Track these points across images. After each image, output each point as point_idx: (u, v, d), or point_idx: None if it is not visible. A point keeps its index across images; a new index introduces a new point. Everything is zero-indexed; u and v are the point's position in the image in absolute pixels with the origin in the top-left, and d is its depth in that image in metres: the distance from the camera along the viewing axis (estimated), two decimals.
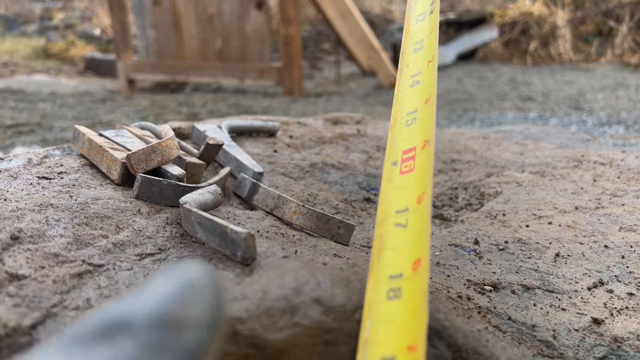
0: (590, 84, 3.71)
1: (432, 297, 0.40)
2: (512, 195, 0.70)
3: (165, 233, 0.46)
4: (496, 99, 3.53)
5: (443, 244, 0.60)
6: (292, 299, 0.34)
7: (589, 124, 2.68)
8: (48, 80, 4.96)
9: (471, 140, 0.95)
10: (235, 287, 0.36)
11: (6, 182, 0.52)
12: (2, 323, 0.34)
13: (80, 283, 0.39)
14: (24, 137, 2.66)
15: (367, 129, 1.01)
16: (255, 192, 0.59)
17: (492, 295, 0.49)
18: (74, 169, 0.58)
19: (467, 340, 0.36)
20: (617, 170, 0.75)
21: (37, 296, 0.37)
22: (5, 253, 0.40)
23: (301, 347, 0.32)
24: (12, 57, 6.42)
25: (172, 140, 0.55)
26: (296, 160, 0.78)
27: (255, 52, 4.22)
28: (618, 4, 4.99)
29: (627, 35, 4.69)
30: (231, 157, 0.67)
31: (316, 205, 0.65)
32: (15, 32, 8.25)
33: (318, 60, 6.05)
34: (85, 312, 0.36)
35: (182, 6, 4.42)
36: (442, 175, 0.80)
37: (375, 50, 4.32)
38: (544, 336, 0.43)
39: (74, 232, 0.44)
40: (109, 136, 0.62)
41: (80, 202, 0.48)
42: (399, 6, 7.16)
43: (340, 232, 0.55)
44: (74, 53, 6.59)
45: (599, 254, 0.55)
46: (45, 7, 9.19)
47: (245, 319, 0.32)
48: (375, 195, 0.72)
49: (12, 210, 0.45)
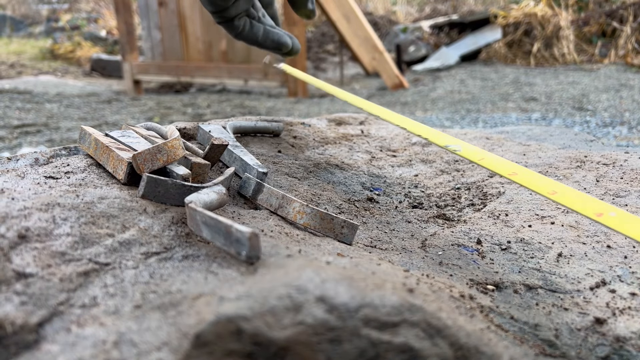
0: (593, 85, 3.70)
1: (435, 297, 0.41)
2: (515, 196, 0.70)
3: (170, 232, 0.46)
4: (499, 100, 3.53)
5: (446, 243, 0.60)
6: (296, 297, 0.34)
7: (593, 124, 2.67)
8: (55, 81, 4.99)
9: (474, 140, 0.95)
10: (239, 285, 0.37)
11: (14, 182, 0.53)
12: (10, 321, 0.35)
13: (86, 281, 0.39)
14: (30, 138, 2.68)
15: (370, 130, 1.02)
16: (260, 191, 0.59)
17: (495, 295, 0.49)
18: (80, 168, 0.58)
19: (469, 339, 0.36)
20: (620, 170, 0.75)
21: (44, 294, 0.37)
22: (13, 252, 0.41)
23: (305, 345, 0.32)
24: (19, 58, 6.46)
25: (178, 140, 0.56)
26: (300, 161, 0.79)
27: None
28: (622, 5, 4.97)
29: (631, 36, 4.68)
30: (236, 157, 0.67)
31: (320, 205, 0.65)
32: (22, 33, 8.30)
33: (322, 61, 6.06)
34: (92, 310, 0.36)
35: (187, 8, 4.43)
36: (445, 175, 0.80)
37: (379, 51, 4.32)
38: (546, 335, 0.43)
39: (81, 231, 0.44)
40: (115, 136, 0.62)
41: (87, 202, 0.49)
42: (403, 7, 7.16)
43: (343, 231, 0.55)
44: (81, 54, 6.62)
45: (601, 254, 0.55)
46: (52, 8, 9.24)
47: (250, 317, 0.33)
48: (378, 195, 0.73)
49: (19, 209, 0.45)
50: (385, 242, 0.60)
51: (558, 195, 0.46)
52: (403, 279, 0.43)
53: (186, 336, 0.32)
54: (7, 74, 5.40)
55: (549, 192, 0.47)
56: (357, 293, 0.36)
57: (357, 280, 0.38)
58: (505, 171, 0.53)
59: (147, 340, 0.33)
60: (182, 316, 0.34)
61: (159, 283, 0.39)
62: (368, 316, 0.34)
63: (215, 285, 0.38)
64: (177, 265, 0.42)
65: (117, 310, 0.36)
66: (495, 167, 0.54)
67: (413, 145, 0.94)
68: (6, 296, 0.36)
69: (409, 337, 0.34)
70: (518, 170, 0.52)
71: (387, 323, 0.34)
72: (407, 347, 0.33)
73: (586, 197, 0.45)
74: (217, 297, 0.35)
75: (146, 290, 0.38)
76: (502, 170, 0.53)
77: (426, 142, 0.95)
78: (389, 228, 0.64)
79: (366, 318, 0.34)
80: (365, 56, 4.52)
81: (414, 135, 0.67)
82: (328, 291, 0.35)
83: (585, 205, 0.44)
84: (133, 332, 0.34)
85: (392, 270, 0.47)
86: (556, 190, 0.47)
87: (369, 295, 0.36)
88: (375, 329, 0.34)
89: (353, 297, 0.35)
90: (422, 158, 0.87)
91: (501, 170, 0.53)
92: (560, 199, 0.46)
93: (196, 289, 0.38)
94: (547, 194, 0.47)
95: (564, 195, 0.46)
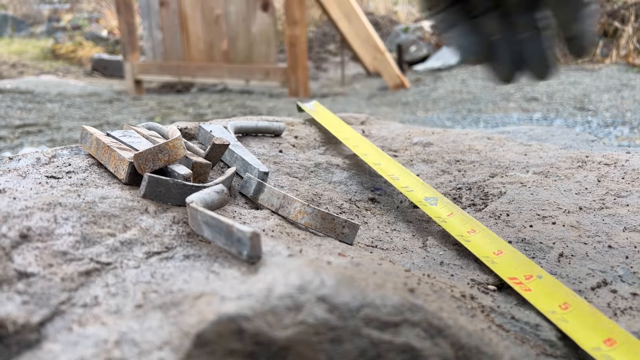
0: (595, 85, 3.69)
1: (436, 296, 0.41)
2: (516, 196, 0.70)
3: (172, 232, 0.46)
4: (501, 100, 3.52)
5: (447, 243, 0.60)
6: (297, 297, 0.34)
7: (594, 125, 2.67)
8: (56, 81, 4.99)
9: (475, 140, 0.95)
10: (240, 285, 0.37)
11: (15, 181, 0.53)
12: (12, 320, 0.35)
13: (88, 281, 0.39)
14: (32, 137, 2.68)
15: (371, 130, 1.02)
16: (261, 191, 0.59)
17: (496, 295, 0.49)
18: (81, 168, 0.58)
19: (470, 339, 0.36)
20: (622, 170, 0.75)
21: (45, 293, 0.37)
22: (15, 251, 0.41)
23: (306, 344, 0.32)
24: (21, 58, 6.46)
25: (179, 140, 0.56)
26: (301, 160, 0.79)
27: (261, 53, 4.23)
28: (623, 4, 4.96)
29: (633, 36, 4.67)
30: (237, 157, 0.67)
31: (321, 205, 0.65)
32: (23, 33, 8.31)
33: (323, 61, 6.05)
34: (93, 309, 0.36)
35: (188, 8, 4.43)
36: (446, 175, 0.80)
37: (380, 51, 4.32)
38: (547, 335, 0.43)
39: (82, 230, 0.44)
40: (117, 136, 0.62)
41: (88, 201, 0.49)
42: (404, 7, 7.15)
43: (344, 231, 0.55)
44: (82, 54, 6.63)
45: (602, 254, 0.55)
46: (54, 8, 9.24)
47: (251, 316, 0.33)
48: (379, 195, 0.73)
49: (21, 209, 0.45)
50: (387, 242, 0.60)
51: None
52: (404, 279, 0.43)
53: (187, 335, 0.32)
54: (9, 73, 5.41)
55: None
56: (358, 293, 0.36)
57: (358, 280, 0.38)
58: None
59: (148, 339, 0.33)
60: (183, 316, 0.35)
61: (160, 282, 0.39)
62: (369, 316, 0.34)
63: (217, 284, 0.38)
64: (178, 265, 0.42)
65: (119, 310, 0.36)
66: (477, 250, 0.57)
67: (414, 145, 0.94)
68: (8, 295, 0.36)
69: (410, 336, 0.34)
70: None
71: (388, 323, 0.34)
72: (408, 347, 0.34)
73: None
74: (219, 297, 0.35)
75: (147, 290, 0.38)
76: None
77: (427, 143, 0.95)
78: (390, 228, 0.64)
79: (367, 318, 0.34)
80: (366, 56, 4.51)
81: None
82: (329, 291, 0.35)
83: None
84: (134, 331, 0.34)
85: (393, 270, 0.47)
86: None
87: (370, 295, 0.36)
88: (376, 328, 0.34)
89: (354, 297, 0.35)
90: (424, 158, 0.87)
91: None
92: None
93: (197, 288, 0.38)
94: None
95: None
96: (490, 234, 0.58)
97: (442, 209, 0.65)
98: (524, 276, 0.51)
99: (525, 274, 0.51)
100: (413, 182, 0.71)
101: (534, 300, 0.48)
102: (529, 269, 0.51)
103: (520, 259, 0.53)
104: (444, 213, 0.64)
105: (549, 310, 0.46)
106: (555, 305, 0.46)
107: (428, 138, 0.97)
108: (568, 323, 0.44)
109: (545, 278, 0.50)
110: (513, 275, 0.51)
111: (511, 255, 0.54)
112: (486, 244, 0.57)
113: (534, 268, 0.52)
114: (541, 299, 0.48)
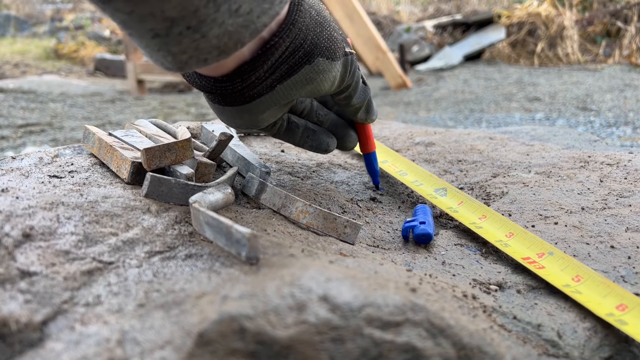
0: (597, 85, 3.69)
1: (438, 296, 0.41)
2: (518, 196, 0.70)
3: (174, 231, 0.47)
4: (503, 100, 3.52)
5: (449, 243, 0.60)
6: (299, 296, 0.34)
7: (597, 125, 2.67)
8: (59, 81, 5.00)
9: (477, 140, 0.95)
10: (242, 284, 0.37)
11: (18, 181, 0.53)
12: (14, 319, 0.35)
13: (90, 280, 0.39)
14: (34, 137, 2.69)
15: (373, 129, 1.02)
16: (263, 191, 0.59)
17: (498, 295, 0.49)
18: (84, 167, 0.58)
19: (472, 339, 0.36)
20: (624, 171, 0.75)
21: (48, 292, 0.37)
22: (17, 250, 0.41)
23: (308, 344, 0.32)
24: (24, 58, 6.48)
25: (189, 142, 0.56)
26: (303, 160, 0.79)
27: None
28: (626, 4, 4.95)
29: (635, 36, 4.66)
30: (239, 157, 0.67)
31: (323, 205, 0.65)
32: (26, 33, 8.33)
33: None
34: (95, 308, 0.36)
35: None
36: (448, 175, 0.80)
37: (382, 51, 4.31)
38: (549, 335, 0.43)
39: (84, 229, 0.44)
40: (119, 136, 0.62)
41: (91, 201, 0.49)
42: (406, 7, 7.15)
43: (346, 231, 0.55)
44: (84, 54, 6.64)
45: (605, 255, 0.55)
46: (56, 8, 9.26)
47: (253, 316, 0.33)
48: (381, 195, 0.73)
49: (23, 208, 0.46)
50: (388, 242, 0.60)
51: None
52: (406, 279, 0.43)
53: (189, 335, 0.32)
54: (12, 73, 5.42)
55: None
56: (359, 292, 0.36)
57: (360, 280, 0.38)
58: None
59: (150, 338, 0.33)
60: (185, 315, 0.35)
61: (162, 282, 0.39)
62: (371, 315, 0.34)
63: (219, 284, 0.38)
64: (180, 264, 0.42)
65: (121, 309, 0.36)
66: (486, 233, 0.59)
67: (416, 145, 0.94)
68: (10, 294, 0.37)
69: (412, 336, 0.34)
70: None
71: (390, 322, 0.34)
72: (410, 347, 0.34)
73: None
74: (220, 296, 0.35)
75: (149, 289, 0.38)
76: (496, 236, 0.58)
77: (429, 142, 0.95)
78: (392, 228, 0.64)
79: (369, 317, 0.34)
80: (368, 56, 4.51)
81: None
82: (331, 290, 0.35)
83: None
84: (136, 330, 0.34)
85: (395, 270, 0.47)
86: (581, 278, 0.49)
87: (371, 295, 0.36)
88: (378, 328, 0.34)
89: (356, 296, 0.35)
90: (426, 158, 0.87)
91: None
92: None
93: (199, 287, 0.38)
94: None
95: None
96: (501, 217, 0.61)
97: (452, 199, 0.67)
98: (536, 254, 0.53)
99: (538, 252, 0.53)
100: (421, 175, 0.72)
101: (548, 276, 0.50)
102: (540, 247, 0.54)
103: (531, 238, 0.56)
104: (454, 203, 0.66)
105: (563, 284, 0.48)
106: (568, 279, 0.49)
107: (430, 138, 0.97)
108: (582, 294, 0.46)
109: (556, 254, 0.52)
110: (526, 255, 0.53)
111: (522, 236, 0.57)
112: (497, 229, 0.59)
113: (545, 245, 0.54)
114: (554, 274, 0.50)
